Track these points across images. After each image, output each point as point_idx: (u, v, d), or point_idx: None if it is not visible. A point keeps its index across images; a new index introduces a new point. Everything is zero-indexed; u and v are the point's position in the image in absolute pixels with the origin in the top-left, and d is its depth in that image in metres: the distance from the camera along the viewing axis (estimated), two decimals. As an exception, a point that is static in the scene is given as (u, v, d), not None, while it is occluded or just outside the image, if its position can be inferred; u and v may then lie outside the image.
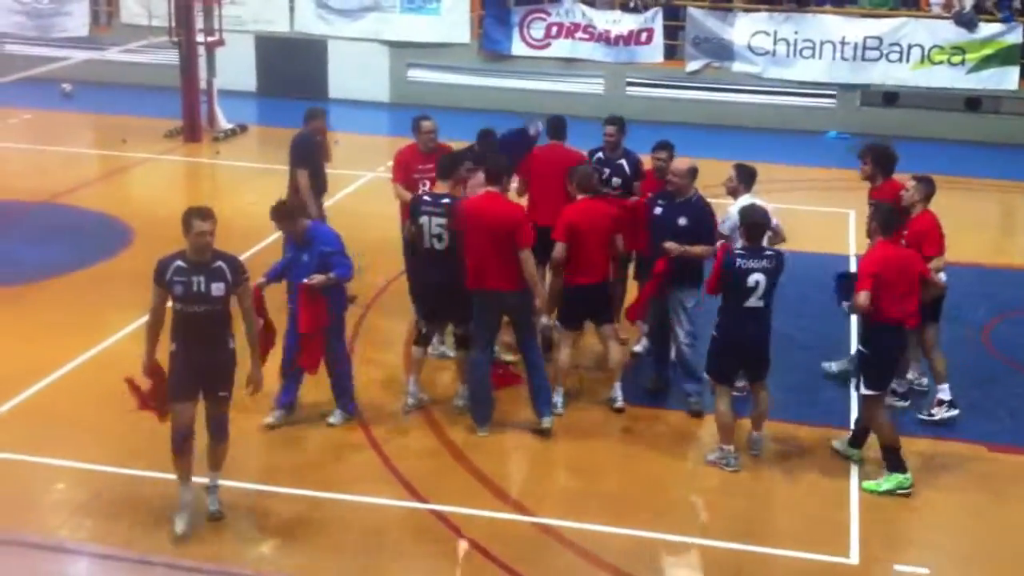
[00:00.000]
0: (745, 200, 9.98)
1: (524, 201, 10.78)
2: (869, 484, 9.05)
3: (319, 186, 12.06)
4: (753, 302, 9.01)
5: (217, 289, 7.92)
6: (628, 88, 21.69)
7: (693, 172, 9.91)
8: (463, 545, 8.00)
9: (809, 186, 17.56)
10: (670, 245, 9.72)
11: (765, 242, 9.34)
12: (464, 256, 9.41)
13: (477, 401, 9.69)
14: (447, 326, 10.51)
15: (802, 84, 21.19)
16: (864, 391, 9.07)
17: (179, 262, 8.01)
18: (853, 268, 13.60)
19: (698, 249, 9.78)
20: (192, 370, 8.00)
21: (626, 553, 8.15)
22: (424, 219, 9.57)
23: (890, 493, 8.93)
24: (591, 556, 8.07)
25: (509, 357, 10.56)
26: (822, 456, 9.52)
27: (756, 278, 8.95)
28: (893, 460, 9.03)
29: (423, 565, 8.08)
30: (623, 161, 11.10)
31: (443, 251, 9.56)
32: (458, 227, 9.41)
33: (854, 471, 9.25)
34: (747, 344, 9.17)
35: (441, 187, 9.76)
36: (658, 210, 9.96)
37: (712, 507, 8.89)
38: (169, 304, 8.05)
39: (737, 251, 9.13)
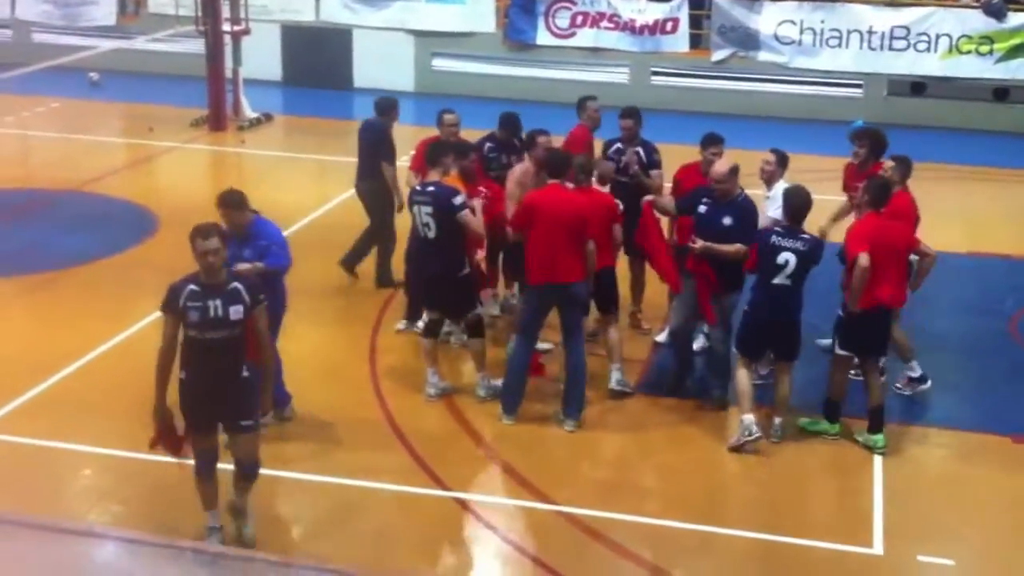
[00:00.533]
0: (782, 185, 9.98)
1: None
2: (804, 421, 9.61)
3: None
4: (780, 280, 9.14)
5: (236, 312, 7.28)
6: (653, 78, 21.62)
7: (734, 172, 9.70)
8: None
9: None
10: (699, 244, 9.59)
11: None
12: (529, 250, 9.33)
13: (510, 390, 9.65)
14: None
15: (829, 74, 21.07)
16: (837, 350, 9.43)
17: (192, 286, 7.31)
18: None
19: (729, 248, 9.50)
20: (208, 400, 7.45)
21: (650, 542, 8.16)
22: (415, 208, 9.61)
23: (817, 433, 9.52)
24: (615, 545, 8.08)
25: (545, 346, 10.48)
26: (846, 446, 9.50)
27: (786, 257, 9.08)
28: (831, 411, 9.57)
29: (448, 552, 8.11)
30: (639, 151, 11.07)
31: (434, 240, 9.54)
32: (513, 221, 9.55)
33: (878, 461, 9.23)
34: (773, 321, 9.32)
35: (432, 175, 9.74)
36: (703, 208, 9.70)
37: (736, 497, 8.89)
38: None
39: (775, 229, 9.27)
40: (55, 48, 21.41)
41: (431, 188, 9.57)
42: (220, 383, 7.39)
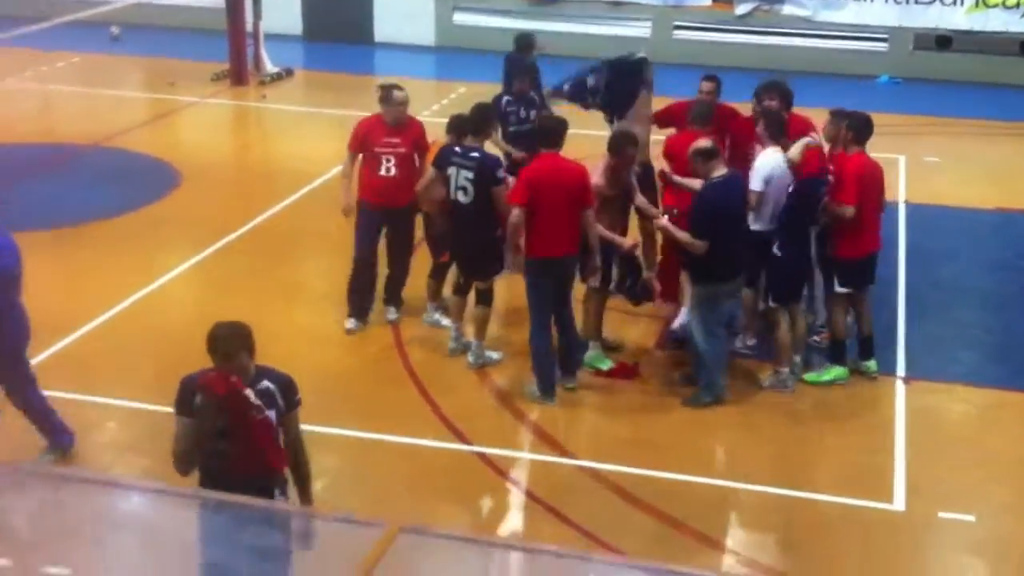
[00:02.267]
0: (771, 152, 9.45)
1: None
2: (811, 375, 9.66)
3: None
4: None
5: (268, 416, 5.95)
6: (676, 32, 21.46)
7: (697, 153, 9.02)
8: None
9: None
10: (662, 221, 9.49)
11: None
12: (535, 223, 8.92)
13: (544, 375, 9.35)
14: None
15: (854, 27, 20.86)
16: (837, 289, 9.57)
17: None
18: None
19: (678, 232, 9.12)
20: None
21: (669, 496, 8.16)
22: (452, 170, 9.42)
23: (830, 383, 9.60)
24: (633, 498, 8.10)
25: (495, 356, 10.01)
26: (867, 402, 9.49)
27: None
28: (838, 353, 9.68)
29: (468, 506, 8.15)
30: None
31: (466, 204, 9.41)
32: (516, 198, 8.98)
33: (900, 418, 9.21)
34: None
35: (471, 141, 9.58)
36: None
37: (756, 453, 8.89)
38: None
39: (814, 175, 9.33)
40: (76, 2, 21.37)
41: (475, 154, 9.43)
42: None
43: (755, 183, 9.35)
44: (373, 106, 10.29)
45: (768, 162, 9.40)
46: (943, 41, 21.03)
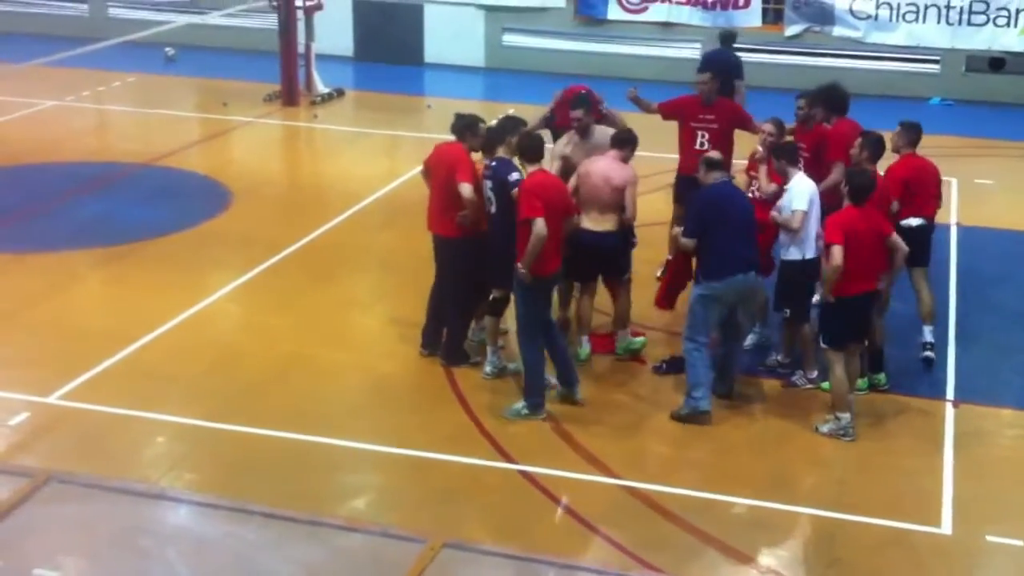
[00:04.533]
0: (803, 176, 9.65)
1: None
2: (826, 384, 9.53)
3: None
4: None
5: None
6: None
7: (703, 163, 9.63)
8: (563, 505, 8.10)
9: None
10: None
11: None
12: (555, 234, 9.11)
13: (538, 390, 9.44)
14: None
15: (905, 49, 20.74)
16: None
17: None
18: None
19: (676, 230, 9.64)
20: None
21: (715, 518, 8.14)
22: (485, 183, 9.69)
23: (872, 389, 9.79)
24: (680, 520, 8.07)
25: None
26: (914, 425, 9.42)
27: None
28: (877, 361, 9.87)
29: (512, 524, 8.17)
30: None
31: (495, 213, 9.59)
32: (526, 212, 9.07)
33: (948, 441, 9.14)
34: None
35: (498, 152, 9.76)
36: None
37: (802, 474, 8.84)
38: None
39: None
40: (131, 23, 21.73)
41: (493, 163, 9.64)
42: None
43: (799, 202, 9.38)
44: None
45: (806, 185, 9.48)
46: (996, 63, 20.85)
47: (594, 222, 9.90)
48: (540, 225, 8.95)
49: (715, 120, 11.22)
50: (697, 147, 11.04)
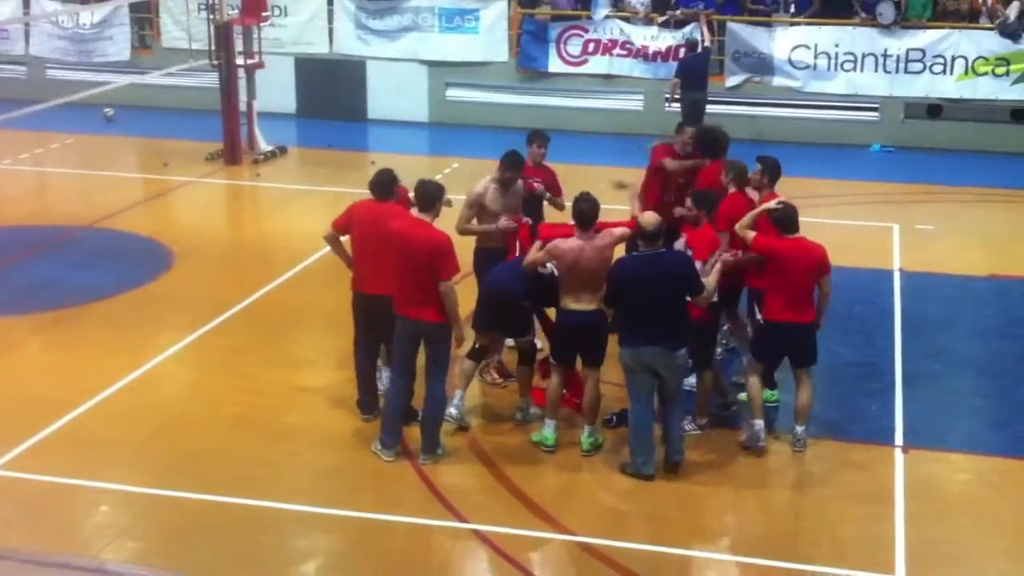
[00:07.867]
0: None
1: None
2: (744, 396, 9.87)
3: None
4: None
5: None
6: (668, 104, 21.59)
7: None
8: None
9: (852, 200, 17.41)
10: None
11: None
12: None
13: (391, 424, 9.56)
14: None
15: (844, 97, 21.03)
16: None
17: None
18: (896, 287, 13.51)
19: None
20: None
21: (667, 572, 8.06)
22: None
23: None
24: (629, 572, 7.99)
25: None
26: (865, 471, 9.41)
27: None
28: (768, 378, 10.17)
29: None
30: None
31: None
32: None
33: (899, 487, 9.14)
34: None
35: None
36: None
37: (753, 524, 8.80)
38: None
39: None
40: (69, 84, 21.55)
41: None
42: None
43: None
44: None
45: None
46: (934, 110, 21.21)
47: (584, 303, 9.46)
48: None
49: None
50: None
